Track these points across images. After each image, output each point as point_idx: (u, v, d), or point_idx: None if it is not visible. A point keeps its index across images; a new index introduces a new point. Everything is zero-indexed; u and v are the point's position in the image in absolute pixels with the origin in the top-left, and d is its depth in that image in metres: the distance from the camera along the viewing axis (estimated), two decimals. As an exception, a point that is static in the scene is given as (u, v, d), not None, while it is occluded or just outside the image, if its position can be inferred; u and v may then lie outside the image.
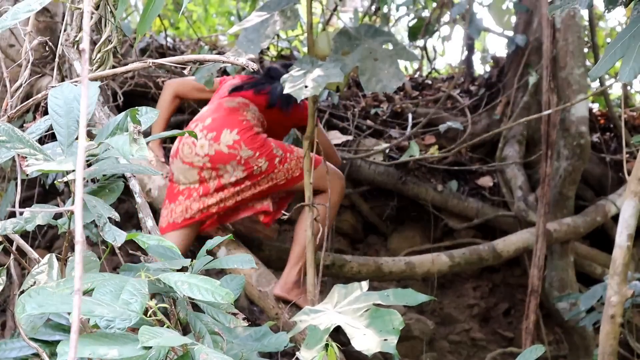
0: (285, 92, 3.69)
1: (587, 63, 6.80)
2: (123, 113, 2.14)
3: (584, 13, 7.11)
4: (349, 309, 2.71)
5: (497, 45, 15.52)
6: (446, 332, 6.30)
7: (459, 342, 6.28)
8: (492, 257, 5.61)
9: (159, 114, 2.28)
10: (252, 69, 2.49)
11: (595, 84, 7.55)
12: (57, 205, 2.98)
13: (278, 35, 7.22)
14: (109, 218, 2.17)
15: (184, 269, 2.42)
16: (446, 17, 7.99)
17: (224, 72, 6.22)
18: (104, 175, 2.41)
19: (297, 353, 2.57)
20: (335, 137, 6.29)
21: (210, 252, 2.59)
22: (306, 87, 3.63)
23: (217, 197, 4.42)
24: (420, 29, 7.47)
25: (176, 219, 4.44)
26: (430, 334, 5.96)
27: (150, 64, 2.45)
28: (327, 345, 2.52)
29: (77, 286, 1.25)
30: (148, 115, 2.24)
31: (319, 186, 4.36)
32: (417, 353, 5.84)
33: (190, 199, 4.44)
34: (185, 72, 2.70)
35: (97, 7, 2.94)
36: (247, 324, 2.42)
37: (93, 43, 3.47)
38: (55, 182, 2.32)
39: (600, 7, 2.83)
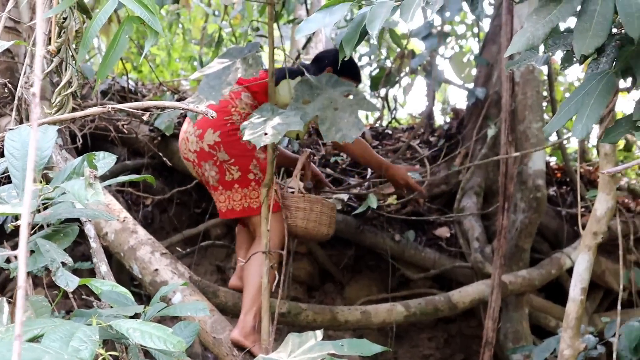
0: (244, 139, 3.70)
1: (546, 117, 6.90)
2: (80, 157, 2.14)
3: (543, 68, 7.23)
4: (303, 358, 2.70)
5: (457, 97, 15.70)
6: (401, 382, 6.28)
7: (414, 393, 6.27)
8: (447, 308, 5.62)
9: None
10: (212, 116, 2.50)
11: (554, 138, 7.65)
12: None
13: (240, 82, 7.24)
14: (62, 262, 2.16)
15: (137, 316, 2.41)
16: (408, 68, 8.07)
17: (184, 117, 6.23)
18: (59, 219, 2.40)
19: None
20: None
21: (165, 298, 2.58)
22: (266, 134, 3.65)
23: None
24: (382, 79, 7.53)
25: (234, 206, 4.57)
26: (386, 384, 5.94)
27: (109, 109, 2.45)
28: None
29: (17, 332, 1.23)
30: (105, 161, 2.24)
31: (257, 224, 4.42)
32: (371, 403, 5.80)
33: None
34: (145, 117, 2.70)
35: (58, 51, 2.94)
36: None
37: (54, 86, 3.46)
38: (5, 225, 2.31)
39: (559, 63, 2.89)
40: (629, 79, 2.69)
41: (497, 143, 6.63)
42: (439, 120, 8.84)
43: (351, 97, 4.01)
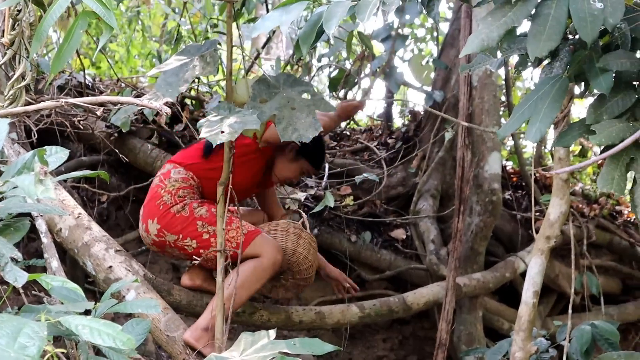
0: (201, 136, 3.68)
1: (502, 121, 6.95)
2: (31, 152, 2.12)
3: (501, 73, 7.28)
4: (255, 357, 2.69)
5: (417, 100, 15.76)
6: (354, 383, 6.29)
7: (367, 393, 6.28)
8: (402, 310, 5.63)
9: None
10: (166, 113, 2.49)
11: (511, 143, 7.71)
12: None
13: (200, 80, 7.21)
14: (12, 258, 2.13)
15: (87, 312, 2.39)
16: (367, 70, 8.08)
17: (141, 114, 6.21)
18: (9, 214, 2.37)
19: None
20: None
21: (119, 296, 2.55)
22: (222, 132, 3.63)
23: None
24: (341, 80, 7.53)
25: None
26: (339, 384, 5.94)
27: (63, 103, 2.43)
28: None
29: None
30: (57, 155, 2.22)
31: (254, 253, 4.47)
32: (325, 403, 5.81)
33: None
34: (98, 112, 2.68)
35: (11, 43, 2.91)
36: (148, 370, 2.39)
37: (8, 79, 3.42)
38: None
39: (522, 66, 2.91)
40: (583, 84, 2.72)
41: (453, 146, 6.67)
42: (398, 122, 8.88)
43: (308, 97, 4.00)
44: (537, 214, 6.51)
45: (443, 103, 7.09)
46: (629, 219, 7.83)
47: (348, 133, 8.21)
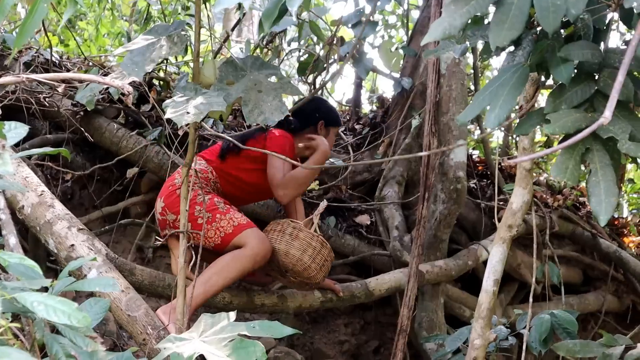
0: (166, 117, 3.67)
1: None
2: (-11, 127, 2.10)
3: (469, 61, 7.30)
4: (214, 339, 2.70)
5: (386, 86, 15.81)
6: (315, 367, 6.31)
7: (327, 377, 6.30)
8: (364, 295, 5.65)
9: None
10: (128, 92, 2.48)
11: (479, 132, 7.74)
12: None
13: (168, 60, 7.17)
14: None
15: (44, 289, 2.37)
16: (337, 55, 8.06)
17: (108, 93, 6.17)
18: (-33, 189, 2.36)
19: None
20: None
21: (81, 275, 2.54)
22: (188, 113, 3.62)
23: None
24: (310, 65, 7.52)
25: None
26: (300, 368, 5.95)
27: (24, 79, 2.41)
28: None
29: None
30: (16, 131, 2.20)
31: (239, 244, 4.58)
32: (285, 387, 5.82)
33: None
34: (60, 89, 2.66)
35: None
36: (105, 349, 2.38)
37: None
38: None
39: (486, 54, 2.92)
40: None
41: (420, 133, 6.69)
42: (366, 108, 8.89)
43: (276, 80, 4.00)
44: (501, 203, 6.55)
45: (411, 90, 7.11)
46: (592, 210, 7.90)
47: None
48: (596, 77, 2.55)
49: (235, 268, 4.51)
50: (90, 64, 7.11)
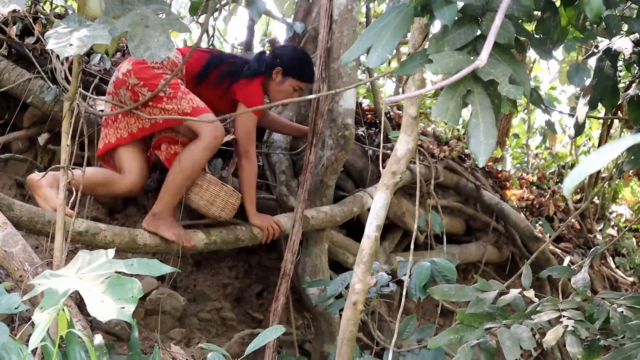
0: (48, 47, 3.56)
1: (361, 58, 6.97)
2: None
3: (362, 8, 7.30)
4: (90, 275, 2.69)
5: (279, 31, 15.74)
6: (197, 309, 6.27)
7: (209, 320, 6.27)
8: (248, 238, 5.64)
9: None
10: (2, 14, 2.38)
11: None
12: None
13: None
14: None
15: None
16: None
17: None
18: None
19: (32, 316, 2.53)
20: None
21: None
22: (71, 45, 3.52)
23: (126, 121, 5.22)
24: (201, 5, 7.40)
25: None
26: (181, 309, 5.91)
27: None
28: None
29: None
30: None
31: (196, 128, 5.12)
32: (166, 328, 5.78)
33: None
34: None
35: None
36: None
37: None
38: None
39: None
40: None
41: (311, 78, 6.67)
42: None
43: (163, 15, 3.92)
44: (388, 151, 6.59)
45: (303, 35, 7.06)
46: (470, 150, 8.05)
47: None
48: (479, 20, 2.58)
49: (197, 162, 5.18)
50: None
